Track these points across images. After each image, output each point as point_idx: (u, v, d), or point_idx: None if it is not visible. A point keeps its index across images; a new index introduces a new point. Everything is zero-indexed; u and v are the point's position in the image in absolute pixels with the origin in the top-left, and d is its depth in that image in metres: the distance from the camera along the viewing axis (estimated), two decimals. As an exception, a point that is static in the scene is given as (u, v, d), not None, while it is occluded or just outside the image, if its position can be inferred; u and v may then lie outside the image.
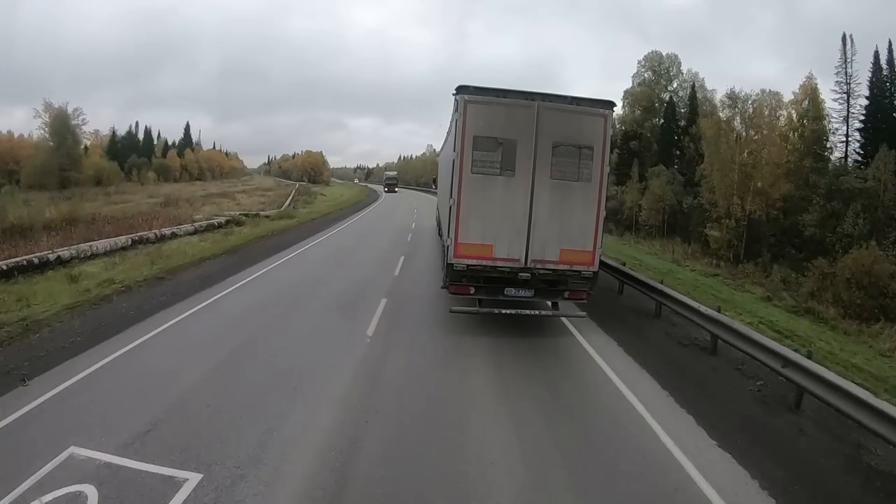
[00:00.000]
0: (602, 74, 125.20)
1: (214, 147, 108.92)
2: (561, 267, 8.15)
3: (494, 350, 7.32)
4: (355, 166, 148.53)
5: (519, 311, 8.33)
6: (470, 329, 8.03)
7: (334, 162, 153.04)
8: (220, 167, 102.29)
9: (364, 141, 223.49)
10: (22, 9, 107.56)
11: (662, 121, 47.63)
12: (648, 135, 47.37)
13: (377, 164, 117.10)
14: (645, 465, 4.39)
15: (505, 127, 7.80)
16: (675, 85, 47.83)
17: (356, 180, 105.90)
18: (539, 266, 8.11)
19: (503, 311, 8.24)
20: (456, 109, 7.73)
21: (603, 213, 7.88)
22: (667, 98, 47.09)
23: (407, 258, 13.82)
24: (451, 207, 7.87)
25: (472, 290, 8.40)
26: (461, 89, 7.78)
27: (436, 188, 22.36)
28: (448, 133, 8.91)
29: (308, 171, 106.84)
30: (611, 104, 7.83)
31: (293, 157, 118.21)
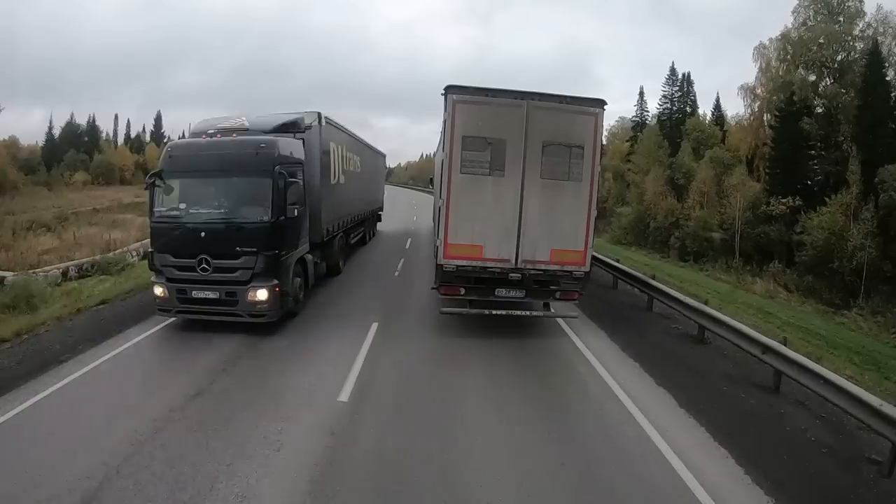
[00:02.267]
0: (639, 69, 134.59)
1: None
2: (552, 267, 8.98)
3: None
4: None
5: (510, 311, 9.50)
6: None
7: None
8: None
9: (390, 141, 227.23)
10: (35, 9, 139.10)
11: (860, 85, 33.12)
12: (834, 107, 34.44)
13: (398, 164, 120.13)
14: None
15: (494, 127, 8.86)
16: (858, 28, 34.84)
17: None
18: (530, 266, 8.96)
19: (494, 312, 9.44)
20: (445, 109, 9.05)
21: (594, 213, 9.10)
22: (854, 47, 33.95)
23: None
24: (440, 208, 9.28)
25: (463, 291, 9.36)
26: (450, 89, 8.95)
27: (432, 188, 22.06)
28: (441, 133, 9.64)
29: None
30: (601, 102, 8.99)
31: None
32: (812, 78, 35.30)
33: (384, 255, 18.87)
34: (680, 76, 48.83)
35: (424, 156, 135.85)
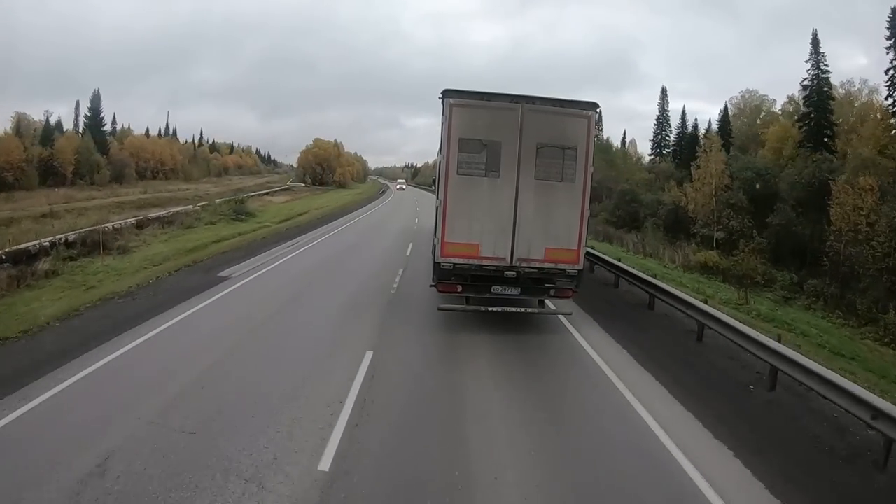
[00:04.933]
0: (687, 66, 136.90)
1: (201, 141, 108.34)
2: (546, 265, 9.26)
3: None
4: (403, 165, 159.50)
5: (505, 308, 9.72)
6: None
7: (386, 162, 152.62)
8: (161, 163, 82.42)
9: (420, 140, 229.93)
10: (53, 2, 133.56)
11: None
12: None
13: (426, 163, 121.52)
14: None
15: (490, 129, 9.09)
16: None
17: (400, 181, 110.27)
18: (525, 265, 9.21)
19: (490, 309, 9.66)
20: (443, 112, 9.23)
21: (587, 213, 9.42)
22: None
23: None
24: (437, 208, 9.47)
25: (460, 289, 9.59)
26: (447, 93, 9.14)
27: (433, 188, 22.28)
28: (440, 135, 10.03)
29: (314, 168, 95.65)
30: (594, 105, 9.30)
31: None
32: None
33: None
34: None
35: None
